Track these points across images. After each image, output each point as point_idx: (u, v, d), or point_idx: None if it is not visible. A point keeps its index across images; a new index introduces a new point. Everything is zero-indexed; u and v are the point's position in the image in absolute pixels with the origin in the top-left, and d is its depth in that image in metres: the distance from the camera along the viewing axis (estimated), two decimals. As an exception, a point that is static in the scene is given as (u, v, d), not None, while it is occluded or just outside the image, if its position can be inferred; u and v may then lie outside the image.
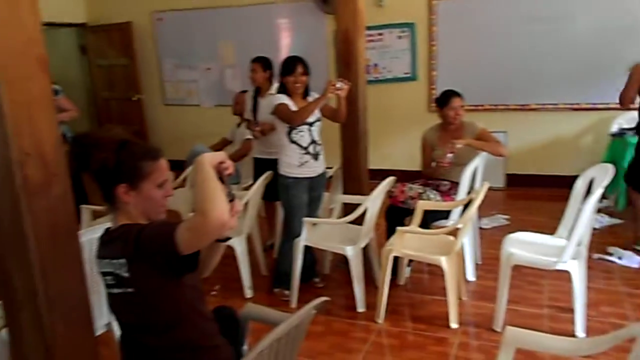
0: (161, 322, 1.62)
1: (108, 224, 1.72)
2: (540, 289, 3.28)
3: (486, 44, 5.26)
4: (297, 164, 3.26)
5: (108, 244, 1.61)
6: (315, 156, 3.29)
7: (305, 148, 3.26)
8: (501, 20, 5.16)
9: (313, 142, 3.27)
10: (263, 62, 3.91)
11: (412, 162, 5.69)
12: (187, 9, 6.43)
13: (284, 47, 6.14)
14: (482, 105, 5.33)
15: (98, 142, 1.58)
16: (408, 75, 5.66)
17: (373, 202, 3.12)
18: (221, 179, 1.47)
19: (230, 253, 3.20)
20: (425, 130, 3.73)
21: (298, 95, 3.25)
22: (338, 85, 3.06)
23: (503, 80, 5.22)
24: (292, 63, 3.21)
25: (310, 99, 3.26)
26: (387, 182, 3.21)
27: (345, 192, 3.67)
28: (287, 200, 3.34)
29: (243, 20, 6.23)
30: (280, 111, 3.18)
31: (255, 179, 3.76)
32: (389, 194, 3.43)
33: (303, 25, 5.99)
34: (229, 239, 1.77)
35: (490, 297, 3.06)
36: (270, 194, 3.67)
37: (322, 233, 3.38)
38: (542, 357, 2.54)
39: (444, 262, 2.85)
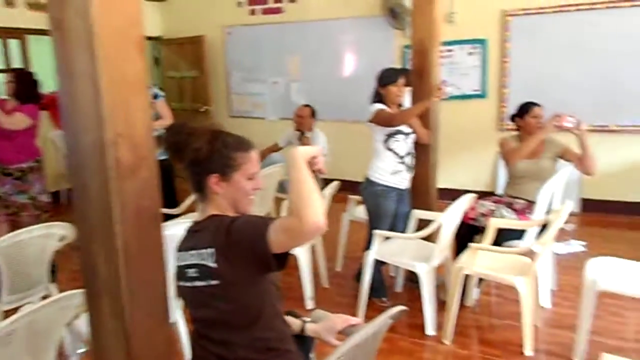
0: (243, 318, 1.56)
1: (188, 222, 1.71)
2: (625, 321, 3.02)
3: (561, 62, 5.02)
4: (390, 171, 3.19)
5: (196, 234, 1.58)
6: (410, 169, 3.25)
7: (402, 157, 3.20)
8: (577, 37, 4.92)
9: (409, 153, 3.23)
10: None
11: (478, 182, 5.54)
12: (256, 24, 6.57)
13: (350, 62, 6.13)
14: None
15: (194, 132, 1.57)
16: (477, 92, 5.49)
17: (449, 219, 2.93)
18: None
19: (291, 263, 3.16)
20: (503, 137, 3.51)
21: (395, 107, 3.19)
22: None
23: (580, 100, 4.92)
24: (396, 73, 3.16)
25: None
26: (467, 199, 3.04)
27: (414, 208, 3.54)
28: (374, 207, 3.24)
29: (310, 36, 6.28)
30: (379, 115, 3.09)
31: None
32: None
33: (370, 40, 5.96)
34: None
35: (568, 326, 2.87)
36: None
37: (395, 248, 3.23)
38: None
39: (520, 283, 2.68)
